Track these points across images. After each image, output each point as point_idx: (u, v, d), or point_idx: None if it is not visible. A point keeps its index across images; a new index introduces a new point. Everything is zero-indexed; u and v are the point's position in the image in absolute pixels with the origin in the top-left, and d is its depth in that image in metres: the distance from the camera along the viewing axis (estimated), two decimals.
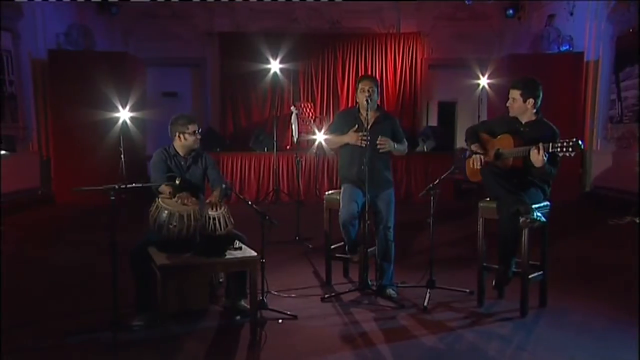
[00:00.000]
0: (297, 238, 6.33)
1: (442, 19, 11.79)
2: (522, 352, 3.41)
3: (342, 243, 4.68)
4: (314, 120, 10.15)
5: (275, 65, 10.10)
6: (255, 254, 3.64)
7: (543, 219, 3.81)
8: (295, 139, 7.79)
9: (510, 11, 11.60)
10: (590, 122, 9.70)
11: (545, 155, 3.70)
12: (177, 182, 3.56)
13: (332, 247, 4.82)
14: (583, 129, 9.73)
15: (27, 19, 8.86)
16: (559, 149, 3.64)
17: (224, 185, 3.76)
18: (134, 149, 8.90)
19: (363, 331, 3.73)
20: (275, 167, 8.53)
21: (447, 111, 12.19)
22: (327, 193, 4.89)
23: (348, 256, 4.67)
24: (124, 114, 8.17)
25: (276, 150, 8.08)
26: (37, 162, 9.03)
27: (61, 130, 9.14)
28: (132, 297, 3.83)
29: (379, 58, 11.66)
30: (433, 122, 12.04)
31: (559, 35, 10.36)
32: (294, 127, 7.81)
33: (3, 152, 6.05)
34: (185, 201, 3.63)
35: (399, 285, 4.58)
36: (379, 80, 5.02)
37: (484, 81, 10.08)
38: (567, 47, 10.14)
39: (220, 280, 4.35)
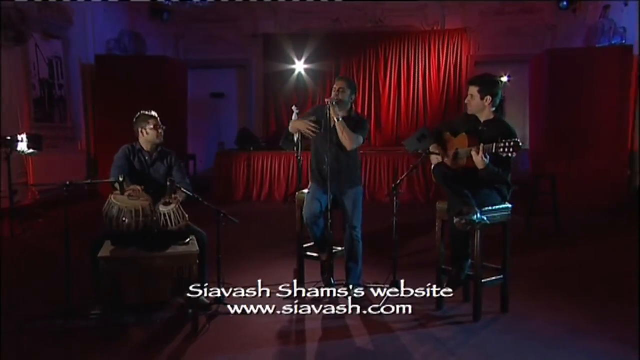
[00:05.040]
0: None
1: (489, 14, 11.39)
2: (450, 356, 3.31)
3: None
4: None
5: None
6: (196, 249, 3.77)
7: (486, 221, 3.66)
8: (295, 139, 7.81)
9: (564, 3, 11.00)
10: None
11: (486, 157, 3.57)
12: (121, 178, 3.76)
13: (306, 245, 4.87)
14: (633, 126, 9.09)
15: (77, 26, 9.53)
16: (501, 149, 3.51)
17: (168, 183, 3.92)
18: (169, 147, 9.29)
19: (303, 329, 3.77)
20: (300, 166, 8.61)
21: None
22: (298, 192, 4.95)
23: (318, 254, 4.71)
24: None
25: (301, 149, 8.14)
26: (83, 160, 9.71)
27: (106, 130, 9.67)
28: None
29: (422, 56, 11.46)
30: None
31: (612, 27, 9.74)
32: None
33: (31, 150, 6.56)
34: (133, 193, 3.83)
35: (367, 285, 4.54)
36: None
37: (504, 78, 9.85)
38: (619, 39, 9.51)
39: None
